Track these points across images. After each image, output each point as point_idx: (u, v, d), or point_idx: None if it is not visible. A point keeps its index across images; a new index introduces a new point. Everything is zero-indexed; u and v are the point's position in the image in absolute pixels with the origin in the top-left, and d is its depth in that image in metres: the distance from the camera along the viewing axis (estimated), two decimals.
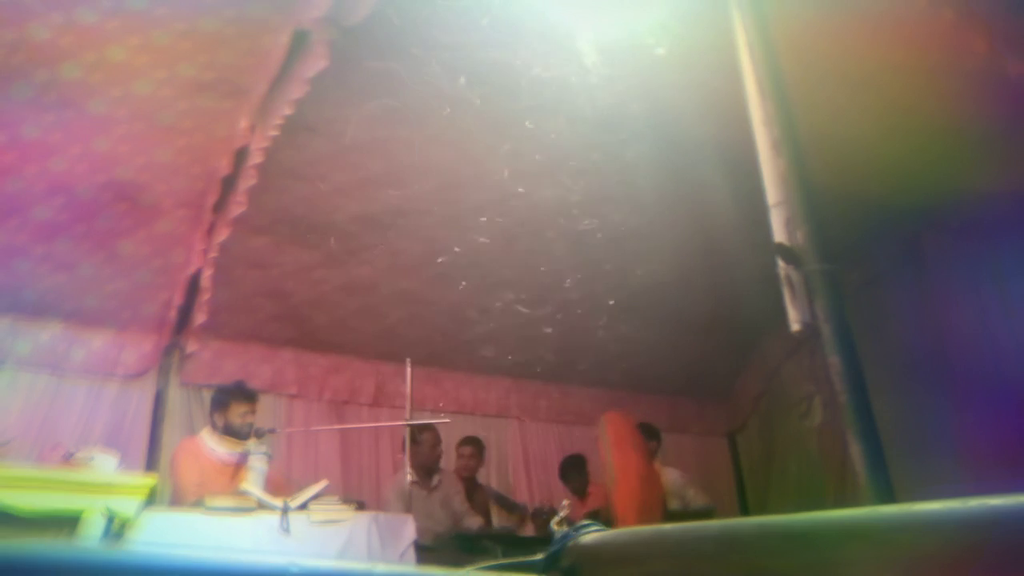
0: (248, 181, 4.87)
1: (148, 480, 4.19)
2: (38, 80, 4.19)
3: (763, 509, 7.73)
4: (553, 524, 1.73)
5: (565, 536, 1.63)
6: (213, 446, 4.65)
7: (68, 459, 4.13)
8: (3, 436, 4.34)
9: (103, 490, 3.82)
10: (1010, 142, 4.68)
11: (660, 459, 6.21)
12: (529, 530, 6.30)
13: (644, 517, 4.90)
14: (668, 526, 1.50)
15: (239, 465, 4.59)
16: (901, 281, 6.50)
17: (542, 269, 5.89)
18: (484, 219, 5.52)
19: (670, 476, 6.09)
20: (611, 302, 6.73)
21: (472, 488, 6.25)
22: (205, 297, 5.58)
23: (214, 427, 4.75)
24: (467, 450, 6.32)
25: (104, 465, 4.12)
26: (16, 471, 3.84)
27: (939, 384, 5.91)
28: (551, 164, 4.96)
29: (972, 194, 5.44)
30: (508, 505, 6.62)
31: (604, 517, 5.02)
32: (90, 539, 3.60)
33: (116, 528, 3.75)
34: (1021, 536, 0.81)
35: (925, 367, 6.04)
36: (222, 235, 5.20)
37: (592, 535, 1.59)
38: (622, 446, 5.33)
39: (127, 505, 3.81)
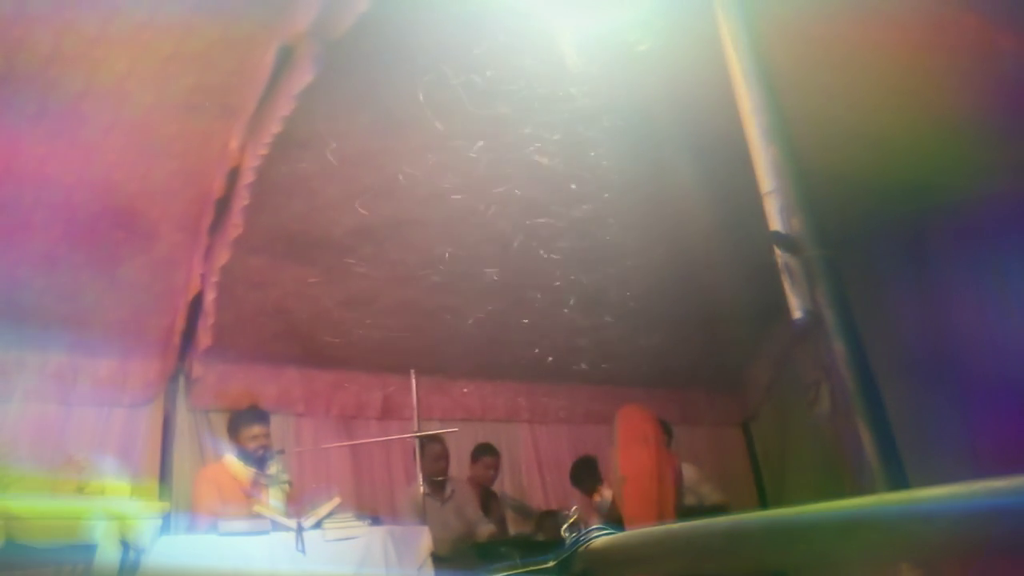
0: (242, 201, 4.86)
1: (161, 505, 4.21)
2: (30, 109, 4.19)
3: (781, 497, 7.73)
4: (563, 530, 1.72)
5: (576, 540, 1.62)
6: (236, 472, 4.63)
7: (79, 489, 4.14)
8: (15, 470, 4.35)
9: (116, 517, 3.83)
10: (1006, 125, 4.66)
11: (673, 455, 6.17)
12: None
13: (655, 515, 4.88)
14: (677, 525, 1.49)
15: (262, 489, 4.59)
16: (901, 275, 6.49)
17: (541, 270, 5.87)
18: (477, 225, 5.51)
19: (686, 472, 6.05)
20: (614, 299, 6.72)
21: (487, 496, 6.24)
22: (210, 321, 5.57)
23: (234, 452, 4.74)
24: (489, 460, 6.32)
25: (116, 492, 4.13)
26: (29, 502, 3.85)
27: (940, 379, 5.90)
28: (542, 166, 4.95)
29: (972, 186, 5.42)
30: (525, 511, 6.60)
31: (613, 517, 5.00)
32: (106, 566, 3.60)
33: (131, 554, 3.76)
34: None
35: (926, 362, 6.03)
36: (220, 257, 5.20)
37: (603, 538, 1.59)
38: (631, 443, 5.29)
39: (141, 530, 3.82)
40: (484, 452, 6.37)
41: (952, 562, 1.01)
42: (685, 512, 5.32)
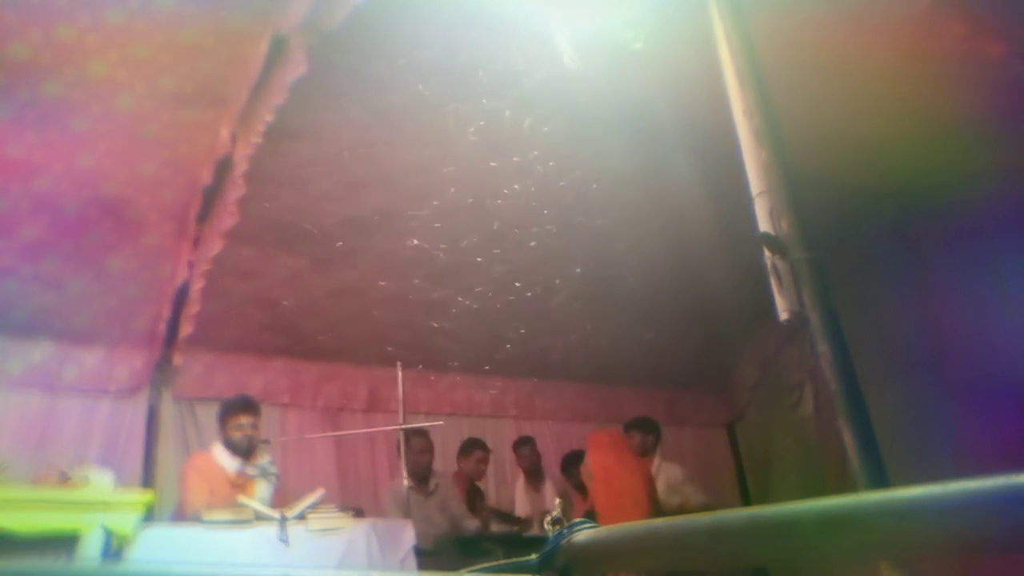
0: (233, 190, 4.86)
1: (145, 496, 4.19)
2: (20, 99, 4.19)
3: (765, 498, 7.74)
4: (545, 524, 1.73)
5: (559, 535, 1.63)
6: (223, 463, 4.61)
7: (64, 479, 4.12)
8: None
9: (100, 508, 3.83)
10: (993, 128, 4.70)
11: (660, 453, 6.20)
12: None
13: (625, 513, 4.94)
14: (659, 521, 1.50)
15: (248, 481, 4.57)
16: (898, 276, 6.52)
17: (531, 267, 5.88)
18: (469, 219, 5.52)
19: (671, 472, 6.08)
20: (603, 297, 6.74)
21: (473, 492, 6.25)
22: (194, 310, 5.56)
23: (222, 442, 4.72)
24: (481, 454, 6.34)
25: (100, 483, 4.12)
26: (12, 492, 3.84)
27: (937, 379, 5.93)
28: (535, 162, 4.96)
29: (965, 187, 5.46)
30: (509, 520, 6.57)
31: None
32: (89, 558, 3.59)
33: (115, 545, 3.75)
34: (999, 517, 0.81)
35: (922, 362, 6.06)
36: (209, 246, 5.19)
37: (585, 533, 1.59)
38: (594, 448, 5.43)
39: (125, 522, 3.81)
40: (475, 447, 6.38)
41: (930, 561, 1.02)
42: (666, 512, 5.37)
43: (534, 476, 6.72)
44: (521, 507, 6.52)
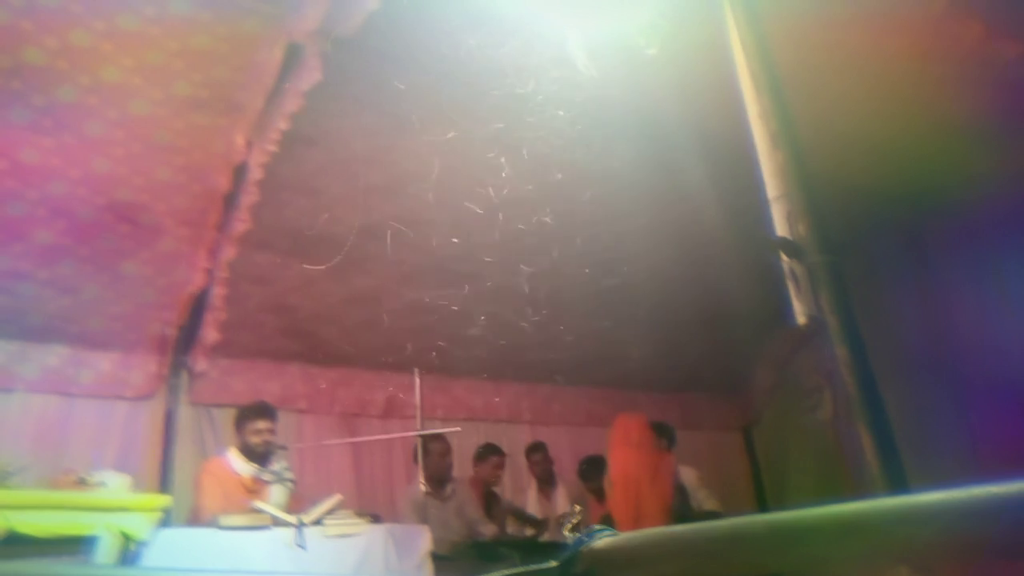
0: (248, 197, 4.88)
1: (161, 499, 4.21)
2: (36, 105, 4.21)
3: (781, 504, 7.69)
4: (565, 531, 1.72)
5: (578, 541, 1.62)
6: (238, 468, 4.62)
7: (80, 482, 4.14)
8: (16, 462, 4.35)
9: (116, 511, 3.85)
10: (1009, 130, 4.67)
11: (675, 458, 6.17)
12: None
13: (638, 517, 4.91)
14: (679, 527, 1.49)
15: (264, 486, 4.58)
16: (902, 276, 6.50)
17: (546, 272, 5.87)
18: (486, 225, 5.51)
19: (686, 475, 6.05)
20: (619, 301, 6.72)
21: (489, 497, 6.24)
22: (221, 317, 5.58)
23: (238, 447, 4.73)
24: (497, 459, 6.32)
25: (116, 486, 4.14)
26: (29, 494, 3.87)
27: (940, 380, 5.91)
28: (551, 169, 4.95)
29: (972, 189, 5.43)
30: (525, 519, 6.57)
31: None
32: (104, 560, 3.61)
33: (130, 548, 3.76)
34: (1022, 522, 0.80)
35: (926, 363, 6.04)
36: (225, 252, 5.21)
37: (605, 539, 1.58)
38: (618, 446, 5.38)
39: (141, 525, 3.83)
40: (491, 452, 6.37)
41: (950, 565, 1.01)
42: (681, 518, 5.34)
43: (546, 483, 6.72)
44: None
